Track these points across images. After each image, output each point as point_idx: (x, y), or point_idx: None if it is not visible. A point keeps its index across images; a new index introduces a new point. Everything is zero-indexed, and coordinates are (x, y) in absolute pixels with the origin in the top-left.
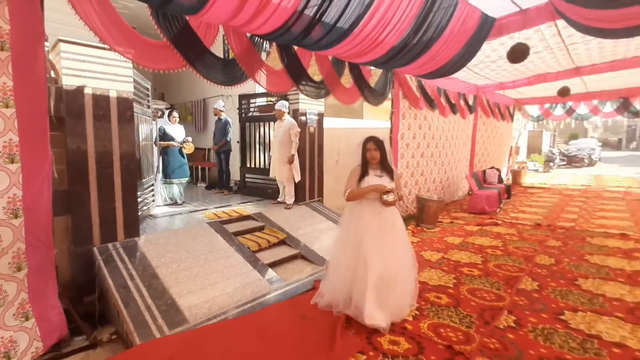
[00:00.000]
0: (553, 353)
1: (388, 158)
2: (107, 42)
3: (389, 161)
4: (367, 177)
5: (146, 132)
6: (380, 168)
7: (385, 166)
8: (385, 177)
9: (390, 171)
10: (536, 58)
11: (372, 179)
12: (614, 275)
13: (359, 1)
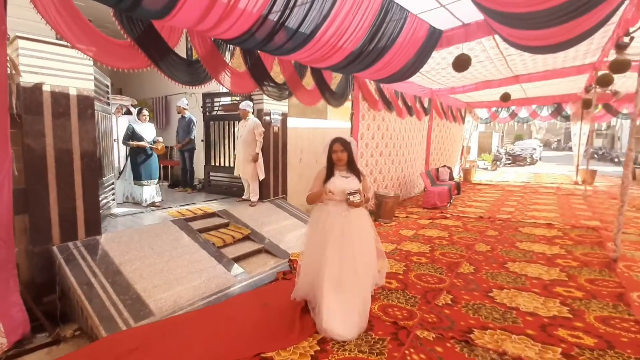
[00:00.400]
0: (480, 323)
1: (355, 159)
2: (69, 39)
3: (356, 163)
4: (333, 179)
5: (106, 130)
6: (347, 169)
7: (353, 168)
8: (352, 179)
9: (357, 173)
10: (480, 67)
11: (338, 181)
12: (536, 258)
13: (319, 9)
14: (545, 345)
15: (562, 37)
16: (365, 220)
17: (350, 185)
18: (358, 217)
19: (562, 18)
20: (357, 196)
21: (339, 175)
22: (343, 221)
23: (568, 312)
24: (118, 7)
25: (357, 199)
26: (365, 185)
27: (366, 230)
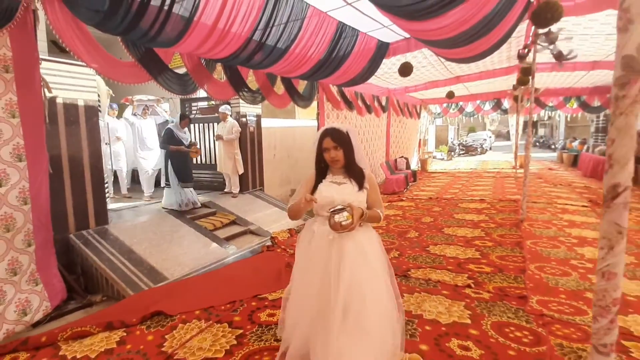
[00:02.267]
0: (416, 265)
1: (357, 157)
2: (85, 61)
3: (359, 162)
4: (321, 185)
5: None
6: (345, 172)
7: (352, 170)
8: (348, 186)
9: (359, 177)
10: (424, 70)
11: (326, 189)
12: (466, 224)
13: (290, 30)
14: (458, 274)
15: (475, 51)
16: (370, 247)
17: (343, 195)
18: (357, 242)
19: (470, 39)
20: (343, 215)
21: (329, 181)
22: (330, 246)
23: (479, 255)
24: (135, 38)
25: (344, 220)
26: (375, 196)
27: (371, 262)
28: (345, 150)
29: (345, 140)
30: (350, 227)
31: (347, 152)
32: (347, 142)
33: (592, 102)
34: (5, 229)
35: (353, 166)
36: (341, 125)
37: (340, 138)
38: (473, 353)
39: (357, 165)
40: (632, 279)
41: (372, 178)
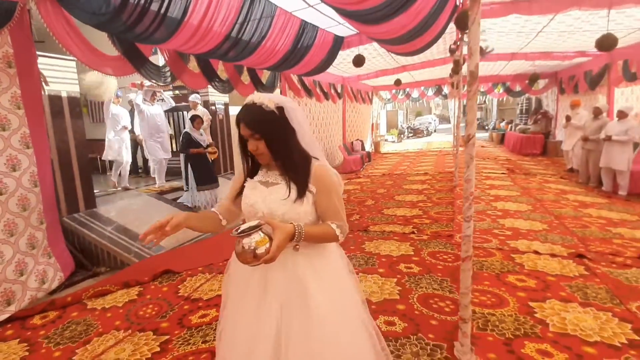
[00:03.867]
0: (373, 223)
1: (298, 144)
2: (76, 56)
3: (300, 153)
4: (247, 187)
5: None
6: (281, 168)
7: (289, 165)
8: (282, 187)
9: (299, 175)
10: (375, 60)
11: (253, 192)
12: (412, 192)
13: (261, 27)
14: (405, 225)
15: (415, 47)
16: (320, 284)
17: (269, 203)
18: (294, 277)
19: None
20: (254, 239)
21: (258, 179)
22: (264, 273)
23: (421, 212)
24: (131, 37)
25: (256, 246)
26: (327, 201)
27: (321, 309)
28: (270, 138)
29: (268, 124)
30: (268, 258)
31: (273, 141)
32: (272, 126)
33: (515, 87)
34: (22, 208)
35: (288, 160)
36: (268, 98)
37: (260, 121)
38: (415, 269)
39: (298, 158)
40: (527, 220)
41: (323, 175)
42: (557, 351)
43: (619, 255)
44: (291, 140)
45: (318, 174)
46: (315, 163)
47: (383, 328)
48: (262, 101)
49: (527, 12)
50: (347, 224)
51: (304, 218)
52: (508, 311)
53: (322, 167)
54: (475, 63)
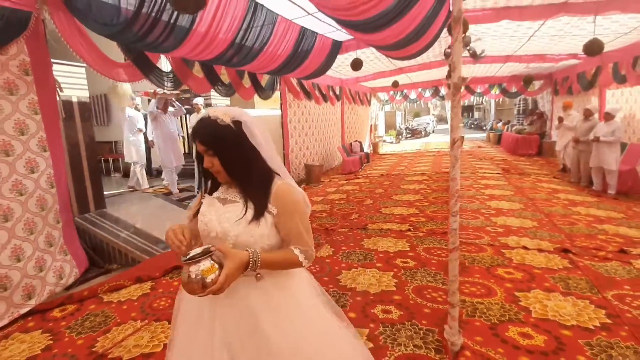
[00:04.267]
0: (372, 221)
1: (263, 159)
2: (89, 63)
3: (259, 170)
4: (204, 204)
5: None
6: (240, 186)
7: (247, 184)
8: (238, 206)
9: (259, 194)
10: (372, 64)
11: (209, 209)
12: (409, 192)
13: (264, 33)
14: (402, 223)
15: (411, 51)
16: (284, 307)
17: (223, 223)
18: (259, 301)
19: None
20: (201, 267)
21: (216, 195)
22: (212, 307)
23: (418, 211)
24: (141, 46)
25: (204, 275)
26: (291, 223)
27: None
28: (225, 155)
29: (223, 139)
30: (215, 289)
31: (228, 158)
32: (227, 142)
33: (511, 88)
34: (41, 208)
35: (245, 178)
36: (223, 112)
37: (214, 136)
38: (410, 264)
39: (257, 175)
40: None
41: (286, 194)
42: (537, 334)
43: (601, 250)
44: (249, 156)
45: (280, 193)
46: (277, 181)
47: (380, 316)
48: (216, 115)
49: (518, 17)
50: (314, 248)
51: (260, 241)
52: (495, 300)
53: (285, 186)
54: (458, 76)
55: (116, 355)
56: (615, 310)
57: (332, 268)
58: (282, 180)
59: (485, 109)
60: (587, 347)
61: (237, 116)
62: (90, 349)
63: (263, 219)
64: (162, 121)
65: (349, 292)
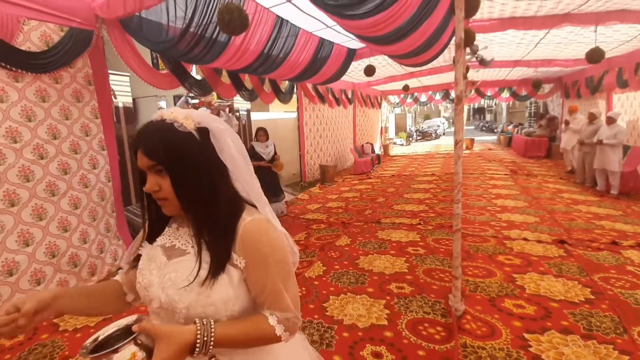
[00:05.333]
0: (384, 216)
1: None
2: (137, 73)
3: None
4: (145, 250)
5: None
6: (194, 224)
7: (209, 219)
8: (191, 259)
9: (221, 238)
10: (384, 69)
11: (148, 264)
12: (419, 191)
13: (287, 44)
14: (413, 218)
15: (422, 59)
16: None
17: (166, 284)
18: None
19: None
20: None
21: (160, 243)
22: None
23: (427, 208)
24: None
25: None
26: (265, 278)
27: None
28: (179, 175)
29: (179, 151)
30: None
31: (184, 178)
32: (186, 156)
33: (521, 91)
34: (101, 198)
35: (205, 213)
36: (185, 114)
37: (168, 145)
38: (420, 251)
39: (223, 208)
40: (521, 214)
41: (257, 236)
42: (529, 305)
43: (595, 242)
44: (214, 179)
45: (248, 234)
46: (246, 217)
47: (395, 290)
48: (175, 118)
49: (523, 27)
50: (300, 313)
51: (224, 309)
52: (495, 280)
53: (256, 224)
54: (460, 90)
55: None
56: (600, 289)
57: (350, 255)
58: (253, 217)
59: (497, 111)
60: (570, 315)
61: (204, 122)
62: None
63: (225, 275)
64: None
65: (367, 273)
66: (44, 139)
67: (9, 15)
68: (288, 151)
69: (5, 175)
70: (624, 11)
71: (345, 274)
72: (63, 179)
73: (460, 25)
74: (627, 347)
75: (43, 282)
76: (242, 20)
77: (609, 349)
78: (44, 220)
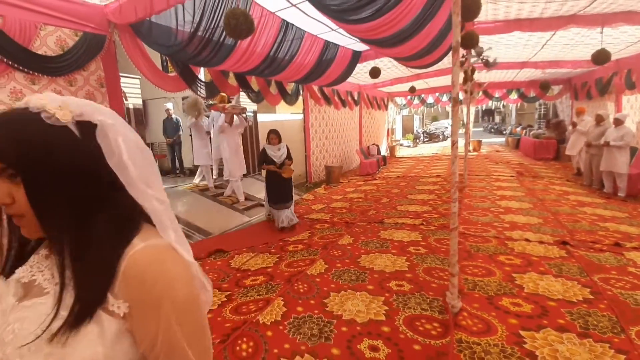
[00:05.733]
0: (387, 217)
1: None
2: (146, 76)
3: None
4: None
5: None
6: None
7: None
8: (49, 301)
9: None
10: (390, 70)
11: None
12: (424, 192)
13: (292, 47)
14: (415, 219)
15: (426, 61)
16: None
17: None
18: None
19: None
20: None
21: (16, 278)
22: None
23: (431, 209)
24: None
25: None
26: (156, 325)
27: None
28: (37, 183)
29: (40, 152)
30: None
31: (44, 189)
32: (52, 157)
33: (529, 93)
34: None
35: (73, 236)
36: (60, 101)
37: (23, 142)
38: (422, 251)
39: (103, 229)
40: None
41: (150, 271)
42: (527, 304)
43: (598, 243)
44: (91, 191)
45: (137, 267)
46: (137, 244)
47: (394, 288)
48: (43, 106)
49: (528, 29)
50: None
51: None
52: (494, 279)
53: (149, 252)
54: (456, 92)
55: None
56: (599, 289)
57: (352, 253)
58: (147, 242)
59: (506, 113)
60: (567, 314)
61: (87, 114)
62: None
63: (94, 327)
64: (230, 134)
65: (367, 271)
66: None
67: (27, 21)
68: (294, 152)
69: None
70: (631, 12)
71: (346, 271)
72: None
73: (457, 30)
74: (624, 346)
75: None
76: (248, 25)
77: (605, 347)
78: None
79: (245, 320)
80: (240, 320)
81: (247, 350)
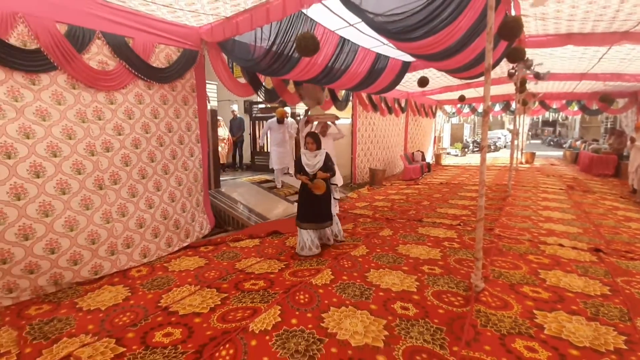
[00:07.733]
0: (426, 217)
1: None
2: (225, 85)
3: None
4: None
5: None
6: None
7: None
8: None
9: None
10: (438, 80)
11: None
12: (466, 198)
13: (346, 58)
14: (453, 220)
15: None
16: None
17: None
18: None
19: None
20: None
21: None
22: None
23: (470, 213)
24: (262, 72)
25: None
26: None
27: None
28: None
29: None
30: None
31: None
32: None
33: (591, 105)
34: (195, 180)
35: None
36: None
37: None
38: (455, 246)
39: None
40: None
41: None
42: (546, 292)
43: (631, 253)
44: None
45: None
46: None
47: (426, 270)
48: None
49: (581, 43)
50: None
51: None
52: (520, 272)
53: None
54: (487, 105)
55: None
56: (618, 288)
57: (391, 243)
58: None
59: (568, 125)
60: (582, 303)
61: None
62: (234, 267)
63: None
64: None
65: (404, 257)
66: (163, 132)
67: (149, 42)
68: (341, 155)
69: (140, 157)
70: None
71: (385, 255)
72: (172, 162)
73: (490, 55)
74: (628, 330)
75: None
76: (315, 46)
77: (609, 330)
78: (160, 191)
79: (226, 330)
80: (222, 328)
81: (225, 359)
